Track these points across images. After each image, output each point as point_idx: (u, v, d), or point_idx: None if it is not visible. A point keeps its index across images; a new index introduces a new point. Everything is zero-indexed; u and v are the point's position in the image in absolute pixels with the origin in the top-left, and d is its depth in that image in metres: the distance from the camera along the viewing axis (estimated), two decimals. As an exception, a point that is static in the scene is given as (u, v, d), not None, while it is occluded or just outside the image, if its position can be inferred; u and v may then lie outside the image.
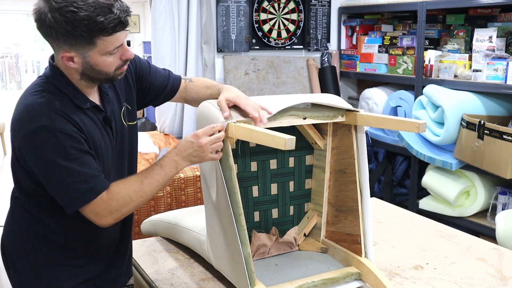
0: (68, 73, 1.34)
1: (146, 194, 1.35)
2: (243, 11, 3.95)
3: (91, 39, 1.25)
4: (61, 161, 1.26)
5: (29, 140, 1.27)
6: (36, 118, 1.26)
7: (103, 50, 1.28)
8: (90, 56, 1.28)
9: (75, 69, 1.31)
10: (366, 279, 1.53)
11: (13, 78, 11.56)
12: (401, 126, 1.46)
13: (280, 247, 1.69)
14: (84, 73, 1.32)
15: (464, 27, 3.53)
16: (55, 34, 1.25)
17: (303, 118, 1.47)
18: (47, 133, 1.25)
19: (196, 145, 1.34)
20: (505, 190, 3.13)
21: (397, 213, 2.22)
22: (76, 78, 1.34)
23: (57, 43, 1.27)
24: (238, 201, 1.36)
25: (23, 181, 1.39)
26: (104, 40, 1.26)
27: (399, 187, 3.87)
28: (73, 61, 1.29)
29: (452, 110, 3.13)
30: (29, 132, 1.26)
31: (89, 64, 1.30)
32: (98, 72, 1.32)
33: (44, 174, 1.30)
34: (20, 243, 1.44)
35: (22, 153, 1.30)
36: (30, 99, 1.31)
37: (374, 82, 4.24)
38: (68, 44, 1.26)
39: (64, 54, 1.28)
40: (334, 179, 1.67)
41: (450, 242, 1.89)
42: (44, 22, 1.24)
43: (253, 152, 1.63)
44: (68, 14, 1.21)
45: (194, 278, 1.62)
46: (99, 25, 1.23)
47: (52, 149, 1.26)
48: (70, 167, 1.27)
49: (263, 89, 4.01)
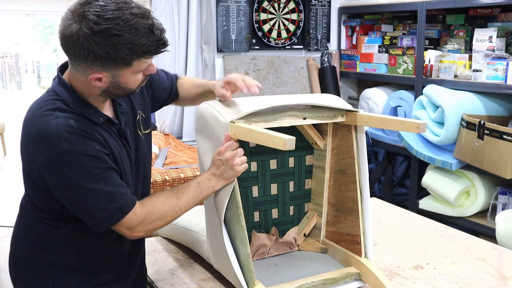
0: (85, 90, 1.28)
1: (180, 209, 1.34)
2: (243, 11, 3.95)
3: (130, 61, 1.21)
4: (86, 184, 1.22)
5: (50, 166, 1.22)
6: (54, 143, 1.20)
7: (136, 69, 1.25)
8: (121, 75, 1.25)
9: (99, 87, 1.26)
10: (366, 279, 1.53)
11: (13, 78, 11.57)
12: (401, 126, 1.46)
13: (280, 247, 1.69)
14: (106, 91, 1.28)
15: (464, 27, 3.53)
16: (91, 56, 1.18)
17: (303, 118, 1.47)
18: (69, 158, 1.20)
19: (225, 161, 1.35)
20: (505, 190, 3.13)
21: (397, 213, 2.22)
22: (94, 95, 1.29)
23: (88, 64, 1.21)
24: (238, 202, 1.36)
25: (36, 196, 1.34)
26: (143, 62, 1.24)
27: (399, 187, 3.87)
28: (101, 81, 1.24)
29: (452, 110, 3.13)
30: (49, 157, 1.21)
31: (118, 83, 1.26)
32: (124, 89, 1.29)
33: (68, 198, 1.26)
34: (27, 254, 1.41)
35: (43, 177, 1.25)
36: (43, 121, 1.22)
37: (374, 82, 4.25)
38: (102, 66, 1.21)
39: (94, 75, 1.22)
40: (334, 179, 1.67)
41: (450, 242, 1.89)
42: (79, 44, 1.17)
43: (253, 152, 1.63)
44: (112, 38, 1.16)
45: (194, 278, 1.62)
46: (142, 48, 1.20)
47: (75, 173, 1.21)
48: (96, 189, 1.23)
49: (263, 89, 4.01)
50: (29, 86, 11.06)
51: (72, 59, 1.23)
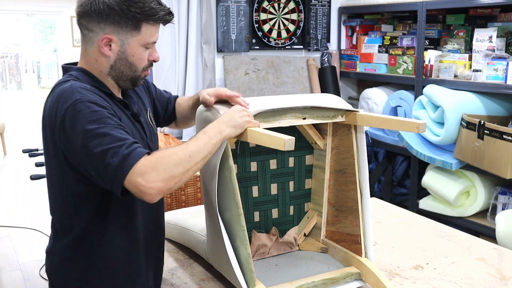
0: (96, 67, 1.35)
1: (193, 154, 1.25)
2: (243, 11, 3.96)
3: (139, 24, 1.31)
4: (99, 129, 1.21)
5: (66, 118, 1.24)
6: (69, 96, 1.25)
7: (143, 40, 1.33)
8: (129, 44, 1.32)
9: (108, 59, 1.34)
10: (366, 279, 1.53)
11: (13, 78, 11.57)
12: (401, 126, 1.46)
13: (280, 247, 1.69)
14: (114, 66, 1.35)
15: (464, 27, 3.53)
16: (105, 12, 1.28)
17: (303, 118, 1.47)
18: (82, 105, 1.23)
19: (237, 110, 1.35)
20: (505, 190, 3.13)
21: (397, 213, 2.22)
22: (104, 73, 1.36)
23: (100, 25, 1.30)
24: (238, 202, 1.36)
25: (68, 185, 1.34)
26: (149, 29, 1.32)
27: (399, 187, 3.87)
28: (110, 48, 1.32)
29: (452, 110, 3.13)
30: (65, 110, 1.24)
31: (125, 54, 1.33)
32: (130, 66, 1.35)
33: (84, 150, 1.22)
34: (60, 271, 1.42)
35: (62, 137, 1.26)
36: (58, 89, 1.30)
37: (374, 82, 4.25)
38: (113, 26, 1.29)
39: (105, 36, 1.30)
40: (334, 179, 1.67)
41: (450, 242, 1.89)
42: None
43: (253, 152, 1.63)
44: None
45: (194, 278, 1.62)
46: (152, 11, 1.30)
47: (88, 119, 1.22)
48: (109, 133, 1.22)
49: (263, 89, 4.01)
50: (29, 86, 11.06)
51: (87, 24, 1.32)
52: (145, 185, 1.19)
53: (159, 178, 1.20)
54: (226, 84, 3.91)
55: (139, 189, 1.19)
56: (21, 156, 3.83)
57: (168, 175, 1.21)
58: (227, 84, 3.91)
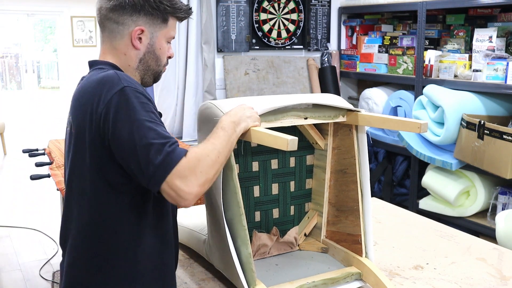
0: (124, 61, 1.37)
1: (220, 152, 1.24)
2: (243, 11, 3.96)
3: (167, 17, 1.37)
4: (146, 122, 1.19)
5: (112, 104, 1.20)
6: (115, 82, 1.23)
7: (168, 33, 1.39)
8: (157, 37, 1.37)
9: (137, 52, 1.36)
10: (366, 279, 1.53)
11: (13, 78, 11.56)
12: (402, 126, 1.46)
13: (281, 247, 1.69)
14: (143, 59, 1.37)
15: (464, 27, 3.54)
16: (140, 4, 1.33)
17: (304, 118, 1.47)
18: (131, 92, 1.22)
19: (246, 107, 1.35)
20: (505, 190, 3.13)
21: (397, 213, 2.22)
22: (133, 67, 1.38)
23: (133, 17, 1.34)
24: (240, 201, 1.36)
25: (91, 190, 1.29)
26: (173, 23, 1.39)
27: (399, 187, 3.87)
28: (141, 40, 1.35)
29: (452, 110, 3.14)
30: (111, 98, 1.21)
31: (153, 46, 1.38)
32: (156, 59, 1.39)
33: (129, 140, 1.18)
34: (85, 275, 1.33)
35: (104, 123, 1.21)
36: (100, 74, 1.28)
37: (374, 82, 4.25)
38: (146, 18, 1.34)
39: (138, 28, 1.34)
40: (334, 179, 1.67)
41: (450, 242, 1.89)
42: None
43: (254, 152, 1.63)
44: None
45: (194, 278, 1.62)
46: (177, 5, 1.38)
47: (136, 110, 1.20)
48: (155, 129, 1.19)
49: (263, 89, 4.01)
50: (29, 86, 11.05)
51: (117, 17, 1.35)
52: (184, 189, 1.17)
53: (197, 183, 1.18)
54: (226, 84, 3.92)
55: (178, 193, 1.17)
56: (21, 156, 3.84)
57: (204, 178, 1.20)
58: (227, 84, 3.91)
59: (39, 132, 8.22)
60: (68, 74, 10.15)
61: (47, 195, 4.79)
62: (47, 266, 3.49)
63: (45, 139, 3.42)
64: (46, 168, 2.63)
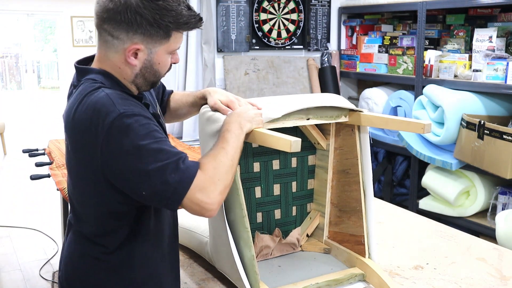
0: (118, 74, 1.27)
1: (232, 156, 1.23)
2: (243, 11, 3.96)
3: (169, 32, 1.23)
4: (152, 145, 1.15)
5: (112, 134, 1.14)
6: (110, 109, 1.15)
7: (171, 47, 1.26)
8: (156, 52, 1.25)
9: (133, 67, 1.26)
10: (370, 280, 1.53)
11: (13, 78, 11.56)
12: (405, 127, 1.45)
13: (283, 248, 1.69)
14: (139, 74, 1.27)
15: (464, 27, 3.54)
16: (137, 22, 1.19)
17: (307, 119, 1.47)
18: (129, 119, 1.15)
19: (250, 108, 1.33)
20: (505, 190, 3.14)
21: (397, 213, 2.23)
22: (128, 80, 1.28)
23: (130, 33, 1.21)
24: (242, 203, 1.36)
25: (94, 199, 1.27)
26: (177, 36, 1.26)
27: (399, 187, 3.88)
28: (136, 57, 1.24)
29: (452, 110, 3.14)
30: (110, 125, 1.14)
31: (151, 62, 1.26)
32: (154, 73, 1.28)
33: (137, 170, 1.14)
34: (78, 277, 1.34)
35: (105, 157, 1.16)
36: (91, 98, 1.19)
37: (374, 82, 4.25)
38: (143, 35, 1.21)
39: (132, 47, 1.22)
40: (337, 180, 1.67)
41: (450, 242, 1.89)
42: (129, 7, 1.19)
43: (255, 153, 1.63)
44: (160, 2, 1.20)
45: (194, 278, 1.62)
46: (183, 19, 1.23)
47: (139, 134, 1.14)
48: (163, 149, 1.15)
49: (263, 89, 4.01)
50: (29, 86, 11.05)
51: (112, 30, 1.22)
52: (207, 201, 1.16)
53: (217, 191, 1.18)
54: (226, 84, 3.92)
55: (201, 206, 1.16)
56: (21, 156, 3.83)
57: (223, 186, 1.20)
58: (227, 84, 3.91)
59: (39, 132, 8.21)
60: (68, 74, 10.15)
61: (47, 195, 4.78)
62: (47, 266, 3.49)
63: (45, 139, 3.42)
64: (46, 168, 2.63)
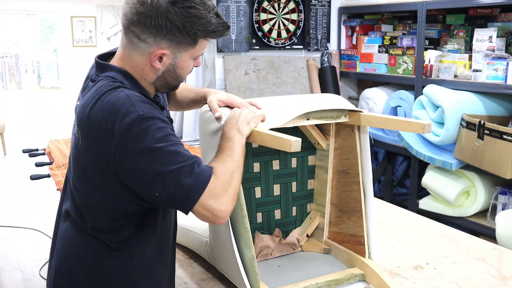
0: (140, 75, 1.26)
1: (238, 163, 1.25)
2: (243, 11, 3.96)
3: (196, 39, 1.23)
4: (169, 147, 1.15)
5: (128, 137, 1.14)
6: (129, 110, 1.15)
7: (196, 53, 1.26)
8: (181, 57, 1.25)
9: (156, 70, 1.25)
10: (370, 280, 1.53)
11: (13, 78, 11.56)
12: (405, 127, 1.45)
13: (283, 248, 1.69)
14: (161, 77, 1.27)
15: (464, 27, 3.54)
16: (167, 27, 1.18)
17: (306, 119, 1.47)
18: (147, 122, 1.15)
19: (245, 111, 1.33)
20: (505, 190, 3.14)
21: (397, 213, 2.23)
22: (148, 81, 1.28)
23: (158, 38, 1.20)
24: (242, 203, 1.35)
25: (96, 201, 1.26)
26: (203, 43, 1.26)
27: (399, 187, 3.88)
28: (161, 61, 1.24)
29: (452, 110, 3.14)
30: (127, 126, 1.14)
31: (175, 66, 1.26)
32: (176, 77, 1.28)
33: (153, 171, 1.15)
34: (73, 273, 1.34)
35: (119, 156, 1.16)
36: (111, 96, 1.18)
37: (374, 82, 4.25)
38: (171, 41, 1.21)
39: (158, 51, 1.21)
40: (337, 180, 1.67)
41: (450, 242, 1.89)
42: (160, 12, 1.17)
43: (255, 153, 1.63)
44: (191, 10, 1.19)
45: (194, 278, 1.62)
46: (212, 27, 1.22)
47: (156, 137, 1.15)
48: (179, 152, 1.16)
49: (263, 89, 4.01)
50: (29, 86, 11.04)
51: (139, 33, 1.21)
52: (220, 208, 1.18)
53: (229, 199, 1.20)
54: (226, 84, 3.92)
55: (213, 213, 1.17)
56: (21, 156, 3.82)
57: (234, 192, 1.22)
58: (227, 84, 3.91)
59: (39, 132, 8.21)
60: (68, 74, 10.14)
61: (47, 195, 4.78)
62: (47, 266, 3.49)
63: (45, 139, 3.42)
64: (46, 168, 2.63)
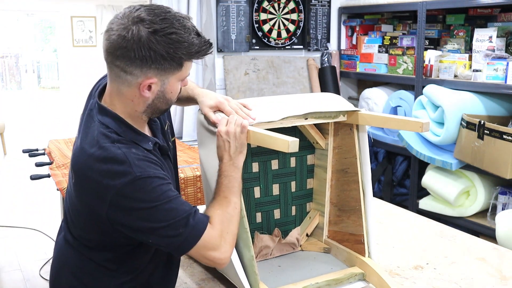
0: (131, 107, 1.26)
1: (236, 203, 1.30)
2: (243, 11, 3.96)
3: (182, 62, 1.22)
4: (165, 205, 1.19)
5: (123, 195, 1.17)
6: (126, 170, 1.17)
7: (182, 75, 1.26)
8: (169, 82, 1.24)
9: (146, 99, 1.25)
10: (370, 279, 1.53)
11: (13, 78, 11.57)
12: (404, 126, 1.45)
13: (283, 248, 1.69)
14: (151, 104, 1.26)
15: (464, 27, 3.54)
16: (151, 57, 1.17)
17: (305, 119, 1.47)
18: (143, 183, 1.17)
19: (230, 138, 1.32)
20: (505, 190, 3.13)
21: (397, 213, 2.23)
22: (139, 111, 1.27)
23: (144, 69, 1.19)
24: (241, 203, 1.35)
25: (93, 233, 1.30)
26: (188, 64, 1.25)
27: (399, 187, 3.87)
28: (150, 89, 1.23)
29: (452, 110, 3.14)
30: (123, 186, 1.16)
31: (164, 92, 1.25)
32: (167, 101, 1.28)
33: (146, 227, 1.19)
34: None
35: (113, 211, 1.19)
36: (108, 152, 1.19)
37: (374, 82, 4.25)
38: (157, 69, 1.20)
39: (146, 81, 1.21)
40: (336, 179, 1.67)
41: (450, 242, 1.89)
42: (141, 44, 1.16)
43: (254, 153, 1.63)
44: (172, 36, 1.17)
45: (194, 278, 1.62)
46: (195, 48, 1.21)
47: (151, 198, 1.18)
48: (175, 208, 1.20)
49: (263, 89, 4.01)
50: (29, 86, 11.06)
51: (125, 67, 1.20)
52: (220, 257, 1.25)
53: (228, 245, 1.26)
54: (226, 84, 3.92)
55: (214, 262, 1.26)
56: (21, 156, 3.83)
57: (232, 237, 1.28)
58: (227, 84, 3.91)
59: (39, 132, 8.22)
60: (68, 74, 10.15)
61: (47, 195, 4.78)
62: (47, 266, 3.49)
63: (45, 139, 3.42)
64: (46, 168, 2.63)
